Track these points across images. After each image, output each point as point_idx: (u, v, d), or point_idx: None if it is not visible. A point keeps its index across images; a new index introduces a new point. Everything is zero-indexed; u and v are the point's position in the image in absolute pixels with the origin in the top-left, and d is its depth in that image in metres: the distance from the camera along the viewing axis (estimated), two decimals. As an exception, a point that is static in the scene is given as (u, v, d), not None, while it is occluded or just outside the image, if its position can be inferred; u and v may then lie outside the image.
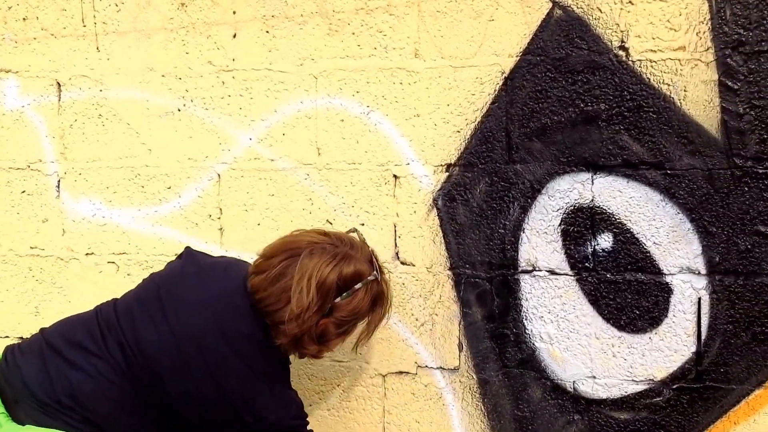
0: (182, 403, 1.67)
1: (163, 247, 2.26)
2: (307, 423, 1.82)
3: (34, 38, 2.36)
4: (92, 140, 2.32)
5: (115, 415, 1.66)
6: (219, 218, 2.21)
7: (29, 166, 2.40)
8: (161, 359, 1.66)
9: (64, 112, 2.35)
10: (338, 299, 1.70)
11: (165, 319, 1.69)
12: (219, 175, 2.19)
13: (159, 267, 2.24)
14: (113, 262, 2.32)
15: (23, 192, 2.41)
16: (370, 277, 1.73)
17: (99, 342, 1.69)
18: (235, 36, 2.15)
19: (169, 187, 2.25)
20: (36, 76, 2.37)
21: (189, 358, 1.66)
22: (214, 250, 2.22)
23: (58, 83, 2.35)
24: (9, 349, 1.74)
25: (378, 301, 1.79)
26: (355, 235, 1.82)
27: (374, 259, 1.78)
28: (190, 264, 1.82)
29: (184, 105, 2.21)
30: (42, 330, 1.78)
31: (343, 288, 1.70)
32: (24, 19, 2.36)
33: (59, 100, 2.35)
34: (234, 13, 2.15)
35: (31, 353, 1.70)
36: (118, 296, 1.82)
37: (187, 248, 1.90)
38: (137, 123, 2.26)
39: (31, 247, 2.40)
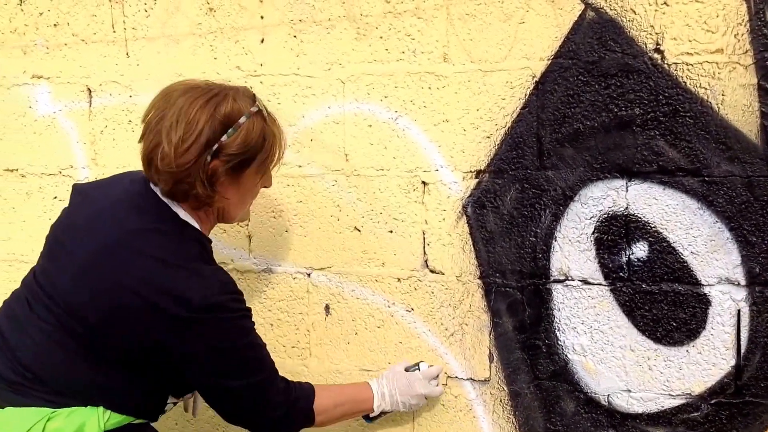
0: (114, 324, 1.65)
1: (192, 253, 2.30)
2: (243, 301, 1.74)
3: (65, 44, 2.42)
4: (122, 146, 2.37)
5: (74, 375, 1.68)
6: (247, 225, 2.24)
7: (61, 172, 2.46)
8: (79, 296, 1.67)
9: (95, 118, 2.41)
10: (224, 137, 1.66)
11: (70, 257, 1.70)
12: (247, 181, 2.22)
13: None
14: (143, 269, 2.37)
15: (55, 198, 2.47)
16: (253, 109, 1.71)
17: (28, 312, 1.71)
18: (262, 41, 2.18)
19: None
20: (67, 82, 2.43)
21: (98, 277, 1.66)
22: (243, 257, 2.25)
23: (89, 89, 2.41)
24: None
25: (268, 138, 1.75)
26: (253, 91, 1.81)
27: (258, 98, 1.76)
28: (75, 196, 1.84)
29: (213, 111, 2.24)
30: None
31: (225, 126, 1.66)
32: (55, 25, 2.42)
33: (90, 105, 2.41)
34: (261, 17, 2.17)
35: None
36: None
37: (73, 185, 1.90)
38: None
39: (63, 253, 2.46)
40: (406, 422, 2.14)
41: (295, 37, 2.14)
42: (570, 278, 1.95)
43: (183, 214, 1.72)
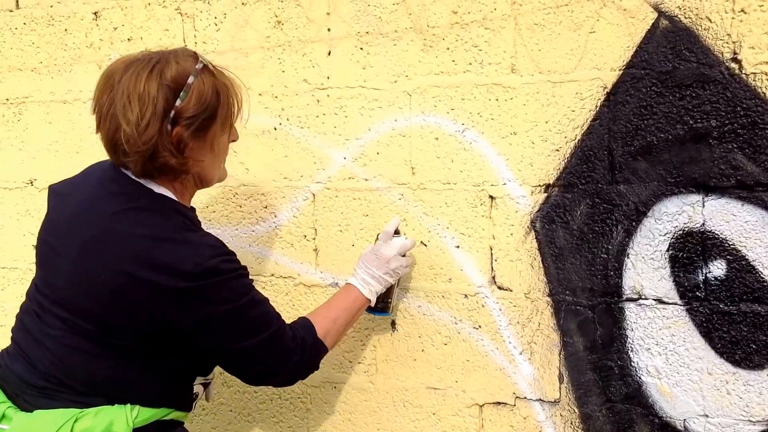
0: (118, 312, 1.72)
1: (260, 267, 2.41)
2: (236, 261, 1.80)
3: (139, 59, 2.56)
4: (193, 159, 2.50)
5: (95, 374, 1.76)
6: (314, 239, 2.34)
7: (134, 185, 2.61)
8: (79, 294, 1.75)
9: (167, 132, 2.54)
10: (178, 102, 1.71)
11: (61, 259, 1.78)
12: (314, 194, 2.32)
13: (256, 287, 2.39)
14: (212, 282, 2.49)
15: (128, 210, 2.62)
16: (198, 66, 1.74)
17: (38, 323, 1.81)
18: (329, 53, 2.27)
19: (266, 207, 2.39)
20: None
21: (91, 269, 1.73)
22: (310, 271, 2.34)
23: (161, 103, 2.54)
24: (0, 354, 1.91)
25: (221, 91, 1.79)
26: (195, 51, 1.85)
27: (200, 55, 1.79)
28: (52, 198, 1.92)
29: (280, 124, 2.35)
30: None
31: (176, 89, 1.71)
32: (129, 39, 2.57)
33: (162, 119, 2.54)
34: (329, 30, 2.26)
35: (13, 352, 1.86)
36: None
37: (49, 187, 1.98)
38: (235, 142, 2.41)
39: (136, 265, 2.61)
40: (473, 442, 2.19)
41: (361, 49, 2.22)
42: (643, 297, 1.96)
43: (158, 189, 1.80)
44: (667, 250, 1.92)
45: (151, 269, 1.70)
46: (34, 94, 2.73)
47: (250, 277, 1.84)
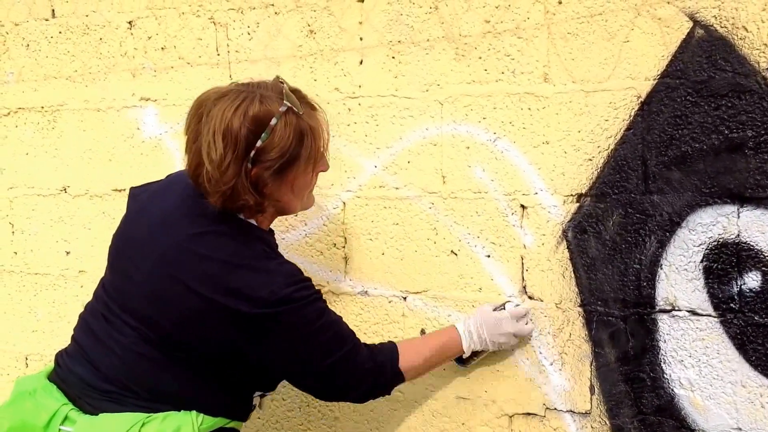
0: (189, 329, 1.76)
1: (290, 274, 2.41)
2: (311, 287, 1.81)
3: (172, 67, 2.59)
4: (224, 167, 2.51)
5: (161, 382, 1.79)
6: (344, 247, 2.34)
7: (165, 193, 2.63)
8: (150, 306, 1.77)
9: (199, 140, 2.56)
10: (259, 142, 1.71)
11: (135, 268, 1.81)
12: (344, 203, 2.32)
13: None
14: (242, 289, 2.50)
15: (160, 217, 2.64)
16: (282, 109, 1.73)
17: (105, 326, 1.83)
18: (361, 62, 2.28)
19: (296, 215, 2.40)
20: (173, 105, 2.60)
21: (165, 285, 1.76)
22: (339, 279, 2.35)
23: (194, 111, 2.56)
24: (59, 355, 1.93)
25: (306, 134, 1.77)
26: (283, 85, 1.82)
27: (286, 92, 1.77)
28: (132, 203, 1.95)
29: (311, 132, 2.35)
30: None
31: (258, 130, 1.71)
32: (162, 48, 2.60)
33: (194, 127, 2.56)
34: (361, 39, 2.27)
35: (74, 354, 1.88)
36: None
37: (130, 189, 2.01)
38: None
39: (166, 272, 2.63)
40: (502, 453, 2.17)
41: (393, 58, 2.23)
42: (677, 308, 1.94)
43: (240, 214, 1.82)
44: (701, 261, 1.91)
45: (226, 294, 1.73)
46: (68, 102, 2.77)
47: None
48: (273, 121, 1.72)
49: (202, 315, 1.75)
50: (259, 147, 1.72)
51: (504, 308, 2.10)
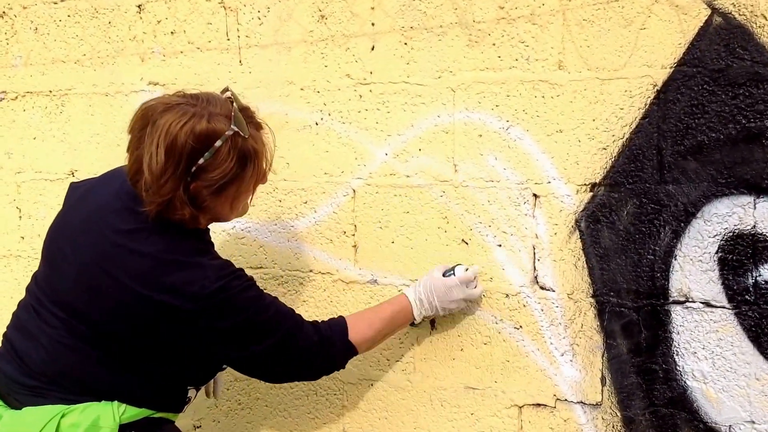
0: (121, 323, 1.79)
1: (298, 262, 2.42)
2: (243, 276, 1.85)
3: (181, 52, 2.58)
4: (233, 153, 2.51)
5: (88, 375, 1.82)
6: (353, 235, 2.34)
7: (174, 178, 2.63)
8: (81, 299, 1.80)
9: (208, 125, 2.56)
10: (202, 160, 1.73)
11: (68, 261, 1.83)
12: (354, 190, 2.32)
13: (294, 283, 2.41)
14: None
15: (168, 203, 2.64)
16: (228, 132, 1.74)
17: (35, 319, 1.86)
18: (373, 48, 2.27)
19: (306, 202, 2.39)
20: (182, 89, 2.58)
21: (98, 279, 1.78)
22: (349, 267, 2.34)
23: (203, 96, 2.56)
24: None
25: (249, 158, 1.80)
26: (229, 93, 1.84)
27: (235, 113, 1.78)
28: (70, 196, 1.97)
29: (322, 119, 2.35)
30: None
31: (202, 148, 1.73)
32: (172, 32, 2.59)
33: (203, 113, 2.56)
34: (373, 24, 2.26)
35: (4, 351, 1.91)
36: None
37: (70, 184, 2.03)
38: (276, 136, 2.41)
39: (174, 258, 2.63)
40: (512, 444, 2.17)
41: (405, 44, 2.22)
42: (691, 300, 1.93)
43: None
44: (716, 253, 1.90)
45: (159, 290, 1.76)
46: (77, 86, 2.76)
47: (290, 272, 1.88)
48: (218, 143, 1.75)
49: (135, 310, 1.78)
50: (200, 164, 1.74)
51: (453, 273, 2.12)
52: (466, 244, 2.18)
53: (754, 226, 1.85)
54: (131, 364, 1.84)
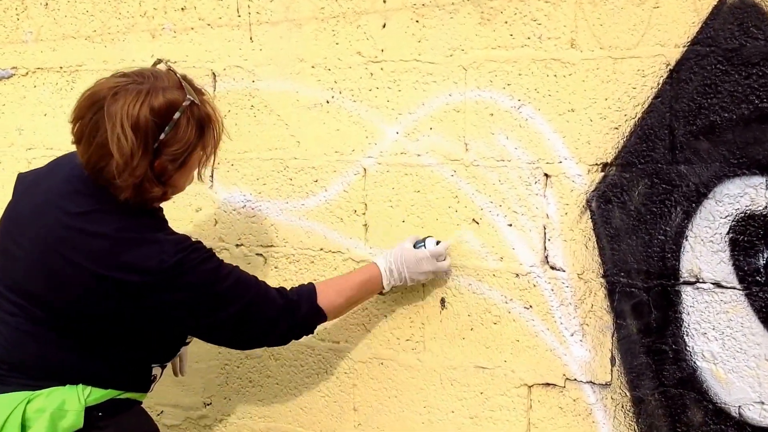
0: (81, 305, 1.83)
1: (309, 241, 2.45)
2: (201, 248, 1.90)
3: (192, 28, 2.61)
4: (244, 131, 2.54)
5: (50, 359, 1.86)
6: (364, 214, 2.37)
7: (185, 156, 2.66)
8: (37, 285, 1.85)
9: (218, 102, 2.57)
10: (163, 135, 1.78)
11: (21, 249, 1.87)
12: (365, 169, 2.34)
13: (305, 261, 2.45)
14: (261, 255, 2.54)
15: (179, 181, 2.67)
16: (186, 102, 1.81)
17: None
18: (384, 26, 2.29)
19: (316, 181, 2.42)
20: (193, 66, 2.62)
21: (53, 264, 1.82)
22: (359, 246, 2.37)
23: (213, 73, 2.59)
24: None
25: (206, 124, 1.87)
26: (161, 66, 1.89)
27: (185, 84, 1.84)
28: (19, 186, 2.01)
29: (333, 97, 2.37)
30: None
31: (162, 122, 1.78)
32: (182, 9, 2.62)
33: (214, 90, 2.59)
34: (384, 2, 2.28)
35: None
36: None
37: (18, 174, 2.07)
38: (287, 114, 2.46)
39: (185, 236, 2.67)
40: (520, 423, 2.20)
41: (417, 22, 2.23)
42: (701, 280, 1.96)
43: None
44: (728, 233, 1.92)
45: (117, 268, 1.80)
46: (87, 62, 2.80)
47: (301, 250, 1.91)
48: (176, 115, 1.80)
49: (94, 290, 1.81)
50: (162, 140, 1.79)
51: (425, 245, 2.19)
52: (477, 223, 2.21)
53: (766, 206, 1.86)
54: (94, 346, 1.88)
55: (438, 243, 2.21)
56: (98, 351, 1.88)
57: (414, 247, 2.19)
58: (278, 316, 1.99)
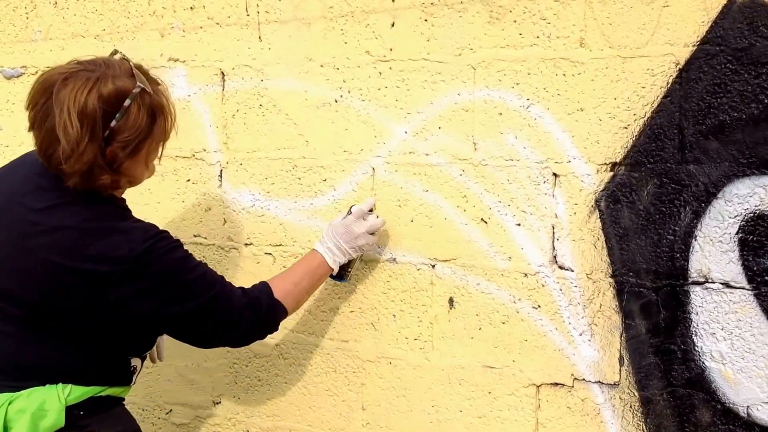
0: (53, 299, 1.84)
1: (317, 240, 2.45)
2: (169, 237, 1.92)
3: (201, 27, 2.63)
4: (253, 130, 2.56)
5: (27, 359, 1.88)
6: (372, 213, 2.37)
7: (194, 155, 2.68)
8: (8, 282, 1.87)
9: (227, 102, 2.61)
10: (113, 122, 1.80)
11: None
12: (373, 168, 2.36)
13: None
14: (270, 254, 2.56)
15: (188, 180, 2.70)
16: (135, 90, 1.82)
17: None
18: (393, 25, 2.30)
19: (325, 180, 2.44)
20: (202, 66, 2.64)
21: (22, 261, 1.84)
22: (367, 245, 2.39)
23: (222, 73, 2.61)
24: None
25: (158, 113, 1.89)
26: (117, 56, 1.92)
27: (136, 72, 1.85)
28: None
29: (341, 96, 2.39)
30: None
31: (112, 110, 1.79)
32: (191, 8, 2.63)
33: (223, 89, 2.61)
34: (393, 0, 2.28)
35: None
36: None
37: None
38: (295, 114, 2.47)
39: (194, 235, 2.69)
40: (528, 423, 2.21)
41: (426, 20, 2.24)
42: (710, 280, 1.96)
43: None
44: (737, 233, 1.92)
45: (86, 260, 1.81)
46: (96, 61, 2.81)
47: (308, 248, 1.90)
48: (127, 102, 1.81)
49: (65, 284, 1.83)
50: (113, 127, 1.81)
51: (350, 213, 2.25)
52: (485, 223, 2.22)
53: (776, 206, 1.87)
54: (71, 341, 1.89)
55: (360, 204, 2.29)
56: (76, 346, 1.90)
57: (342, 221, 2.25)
58: (242, 312, 2.00)
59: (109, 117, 1.80)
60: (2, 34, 3.01)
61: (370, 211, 2.31)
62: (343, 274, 2.31)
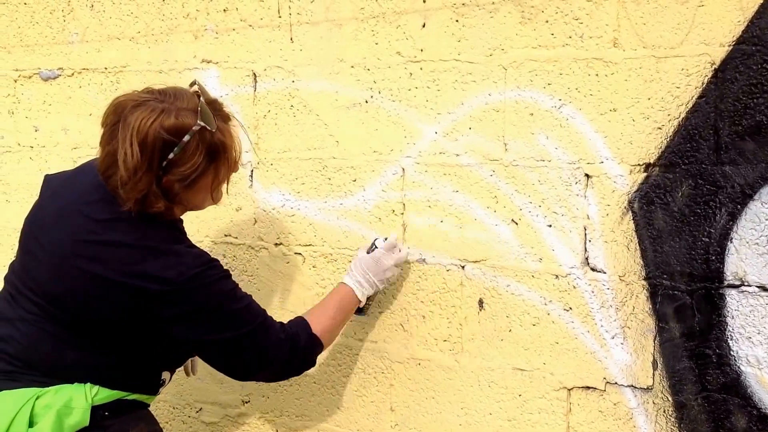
0: (97, 310, 1.85)
1: (347, 240, 2.44)
2: (219, 267, 1.92)
3: (233, 29, 2.61)
4: (284, 131, 2.54)
5: (63, 358, 1.88)
6: (402, 214, 2.35)
7: (225, 156, 2.66)
8: (58, 287, 1.86)
9: (259, 103, 2.59)
10: (172, 155, 1.80)
11: (44, 251, 1.89)
12: (403, 169, 2.32)
13: (342, 261, 2.44)
14: (300, 254, 2.54)
15: (219, 181, 2.68)
16: (195, 127, 1.81)
17: (13, 306, 1.92)
18: (424, 25, 2.26)
19: (355, 180, 2.41)
20: (234, 67, 2.62)
21: (74, 270, 1.84)
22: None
23: (254, 74, 2.59)
24: None
25: (218, 151, 1.88)
26: (195, 87, 1.91)
27: (202, 108, 1.84)
28: (45, 188, 2.03)
29: (372, 97, 2.36)
30: None
31: (171, 143, 1.80)
32: (224, 10, 2.62)
33: (254, 90, 2.59)
34: (424, 1, 2.25)
35: None
36: None
37: (45, 176, 2.08)
38: (326, 114, 2.45)
39: (225, 235, 2.68)
40: (559, 426, 2.16)
41: (457, 21, 2.21)
42: (746, 284, 1.90)
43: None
44: (774, 236, 1.86)
45: (134, 276, 1.82)
46: (131, 63, 2.82)
47: (339, 250, 1.89)
48: (186, 138, 1.81)
49: (111, 297, 1.83)
50: (170, 159, 1.81)
51: (376, 247, 2.26)
52: (516, 224, 2.18)
53: (814, 209, 1.81)
54: (107, 348, 1.90)
55: (386, 239, 2.28)
56: (111, 353, 1.90)
57: (368, 253, 2.24)
58: (279, 347, 1.99)
59: (168, 149, 1.81)
60: (40, 36, 3.02)
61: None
62: (363, 307, 2.31)
